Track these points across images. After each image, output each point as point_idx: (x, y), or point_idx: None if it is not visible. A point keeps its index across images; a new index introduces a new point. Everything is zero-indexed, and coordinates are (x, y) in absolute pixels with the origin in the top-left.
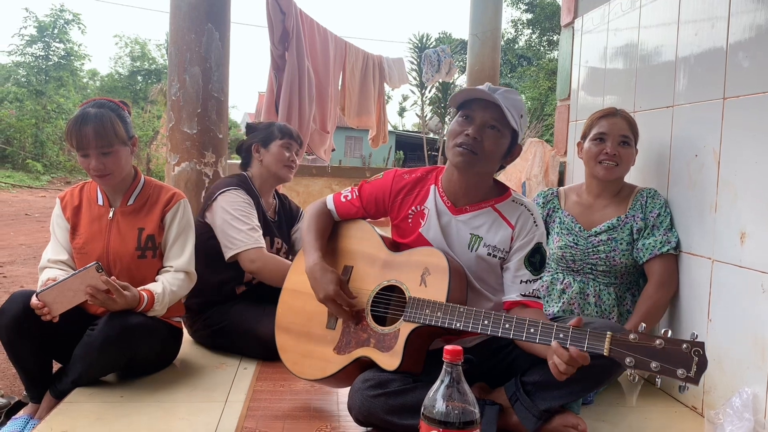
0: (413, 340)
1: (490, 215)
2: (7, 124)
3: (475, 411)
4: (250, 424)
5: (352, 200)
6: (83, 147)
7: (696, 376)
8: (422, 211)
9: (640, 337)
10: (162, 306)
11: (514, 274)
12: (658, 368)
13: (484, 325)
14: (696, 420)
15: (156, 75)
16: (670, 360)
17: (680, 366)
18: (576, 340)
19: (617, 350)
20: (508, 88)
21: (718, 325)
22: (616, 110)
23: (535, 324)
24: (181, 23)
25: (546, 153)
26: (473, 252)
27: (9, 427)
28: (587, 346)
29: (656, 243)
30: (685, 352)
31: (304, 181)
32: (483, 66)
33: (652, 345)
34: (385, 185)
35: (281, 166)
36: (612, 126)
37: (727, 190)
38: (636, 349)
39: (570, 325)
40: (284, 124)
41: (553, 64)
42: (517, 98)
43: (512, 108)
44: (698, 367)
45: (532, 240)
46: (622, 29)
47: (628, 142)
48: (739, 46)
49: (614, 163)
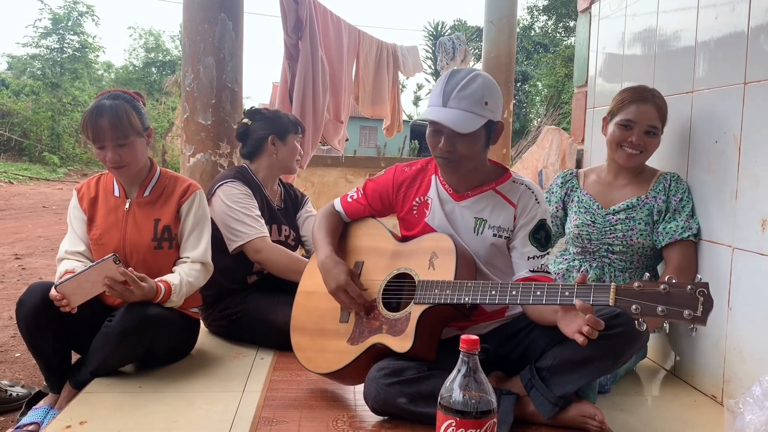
0: (424, 322)
1: (492, 197)
2: (24, 117)
3: (492, 400)
4: (267, 413)
5: (359, 199)
6: (99, 139)
7: (703, 316)
8: (426, 202)
9: (644, 284)
10: (179, 297)
11: (521, 251)
12: (665, 311)
13: (492, 295)
14: (715, 409)
15: (170, 66)
16: (675, 302)
17: (686, 307)
18: (581, 295)
19: (622, 299)
20: (465, 82)
21: (739, 313)
22: (648, 94)
23: (540, 286)
24: (195, 14)
25: (563, 141)
26: (479, 235)
27: (30, 417)
28: (593, 299)
29: (677, 228)
30: (689, 294)
31: (319, 171)
32: (499, 53)
33: (657, 290)
34: (387, 180)
35: (293, 160)
36: (641, 115)
37: (747, 177)
38: (641, 296)
39: (575, 282)
40: (294, 115)
41: (570, 51)
42: (474, 87)
43: (471, 105)
44: (704, 306)
45: (534, 217)
46: (640, 14)
47: (656, 132)
48: (760, 30)
49: (638, 152)
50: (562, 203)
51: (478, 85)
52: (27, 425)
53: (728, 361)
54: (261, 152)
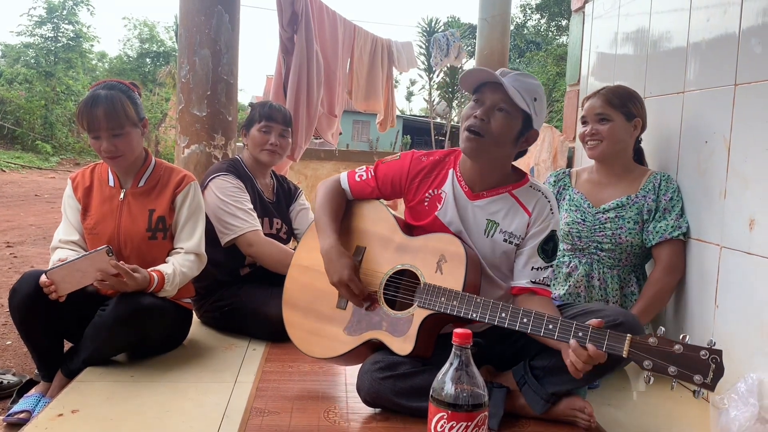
0: (427, 327)
1: (507, 201)
2: (17, 105)
3: (484, 394)
4: (259, 404)
5: (368, 180)
6: (94, 129)
7: (712, 383)
8: (439, 195)
9: (659, 341)
10: (173, 287)
11: (527, 260)
12: (676, 373)
13: (502, 318)
14: (701, 405)
15: (164, 57)
16: (687, 365)
17: (697, 372)
18: (595, 341)
19: (636, 353)
20: (523, 72)
21: (725, 311)
22: (600, 90)
23: (553, 320)
24: (191, 5)
25: (555, 138)
26: (489, 238)
27: (21, 405)
28: (606, 346)
29: (667, 227)
30: (703, 359)
31: (312, 164)
32: (492, 50)
33: (671, 350)
34: (402, 167)
35: (259, 150)
36: (590, 108)
37: (736, 177)
38: (655, 353)
39: (590, 325)
40: (271, 104)
41: (562, 50)
42: (530, 81)
43: (523, 91)
44: (715, 374)
45: (547, 227)
46: (634, 14)
47: (606, 118)
48: (751, 32)
49: (596, 141)
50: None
51: (534, 82)
52: (18, 413)
53: None
54: (244, 145)
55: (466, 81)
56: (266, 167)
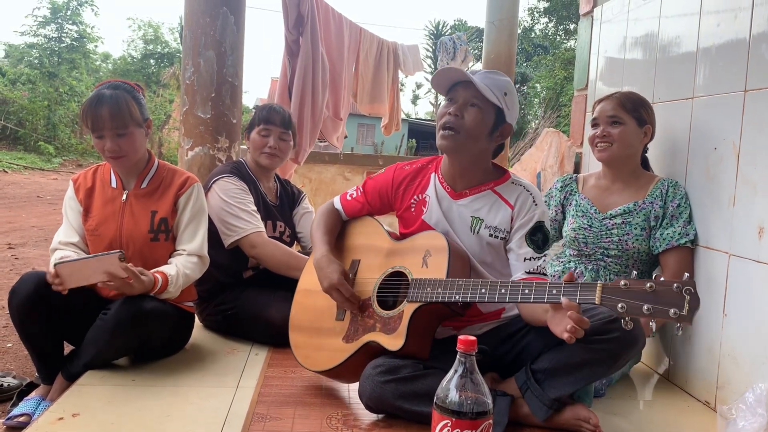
0: (416, 320)
1: (489, 197)
2: (20, 105)
3: (489, 401)
4: (261, 409)
5: (358, 197)
6: (98, 128)
7: (689, 315)
8: (424, 199)
9: (630, 283)
10: (176, 288)
11: (518, 252)
12: (650, 310)
13: (482, 293)
14: (708, 415)
15: (168, 59)
16: (661, 301)
17: (672, 306)
18: (568, 293)
19: (608, 297)
20: (492, 70)
21: (734, 320)
22: (613, 93)
23: (528, 285)
24: (196, 6)
25: (562, 143)
26: (475, 234)
27: (21, 408)
28: (579, 297)
29: (674, 234)
30: (676, 292)
31: (317, 168)
32: (499, 54)
33: (643, 288)
34: (386, 178)
35: (258, 153)
36: (602, 110)
37: (746, 185)
38: (627, 294)
39: (563, 281)
40: (271, 107)
41: (570, 54)
42: (499, 78)
43: (493, 86)
44: (690, 305)
45: (532, 218)
46: (642, 19)
47: (618, 121)
48: (762, 38)
49: (606, 144)
50: (561, 207)
51: (503, 78)
52: (18, 416)
53: (722, 367)
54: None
55: (437, 82)
56: (268, 170)
